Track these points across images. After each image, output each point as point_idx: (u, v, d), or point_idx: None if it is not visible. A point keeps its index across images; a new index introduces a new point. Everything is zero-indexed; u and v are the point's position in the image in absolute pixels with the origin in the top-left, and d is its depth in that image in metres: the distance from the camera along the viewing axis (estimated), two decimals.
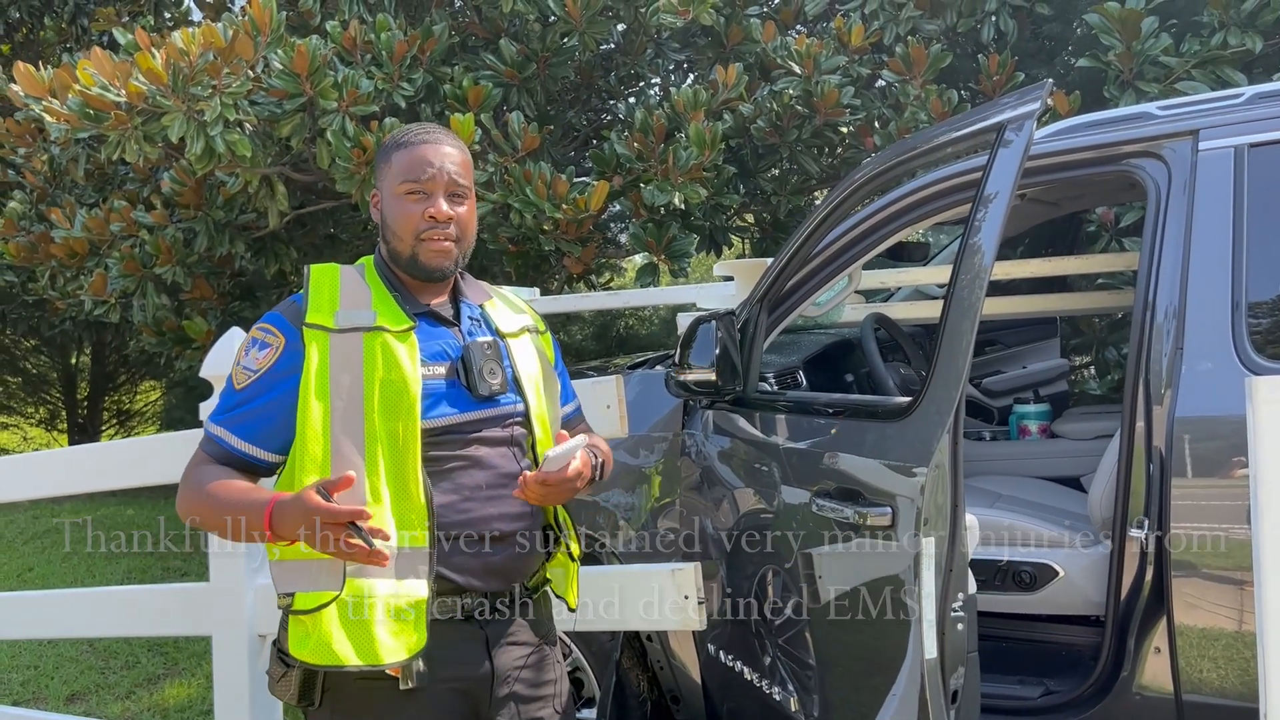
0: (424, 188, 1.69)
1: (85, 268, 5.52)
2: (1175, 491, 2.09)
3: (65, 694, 4.18)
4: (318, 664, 1.57)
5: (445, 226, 1.70)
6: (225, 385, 1.70)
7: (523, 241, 5.10)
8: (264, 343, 1.66)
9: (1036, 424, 3.63)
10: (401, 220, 1.70)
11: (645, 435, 2.81)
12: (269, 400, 1.64)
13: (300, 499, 1.46)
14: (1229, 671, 2.05)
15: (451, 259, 1.72)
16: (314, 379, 1.61)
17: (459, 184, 1.73)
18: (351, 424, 1.60)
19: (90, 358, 10.80)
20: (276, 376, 1.64)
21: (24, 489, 3.29)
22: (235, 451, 1.66)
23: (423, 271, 1.71)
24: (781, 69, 4.99)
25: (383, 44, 4.78)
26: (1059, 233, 4.18)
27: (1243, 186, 2.17)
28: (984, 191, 1.92)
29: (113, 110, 4.08)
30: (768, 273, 2.59)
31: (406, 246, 1.70)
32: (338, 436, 1.59)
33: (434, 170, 1.70)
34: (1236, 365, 2.06)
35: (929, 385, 1.91)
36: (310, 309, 1.66)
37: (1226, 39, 4.11)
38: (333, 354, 1.62)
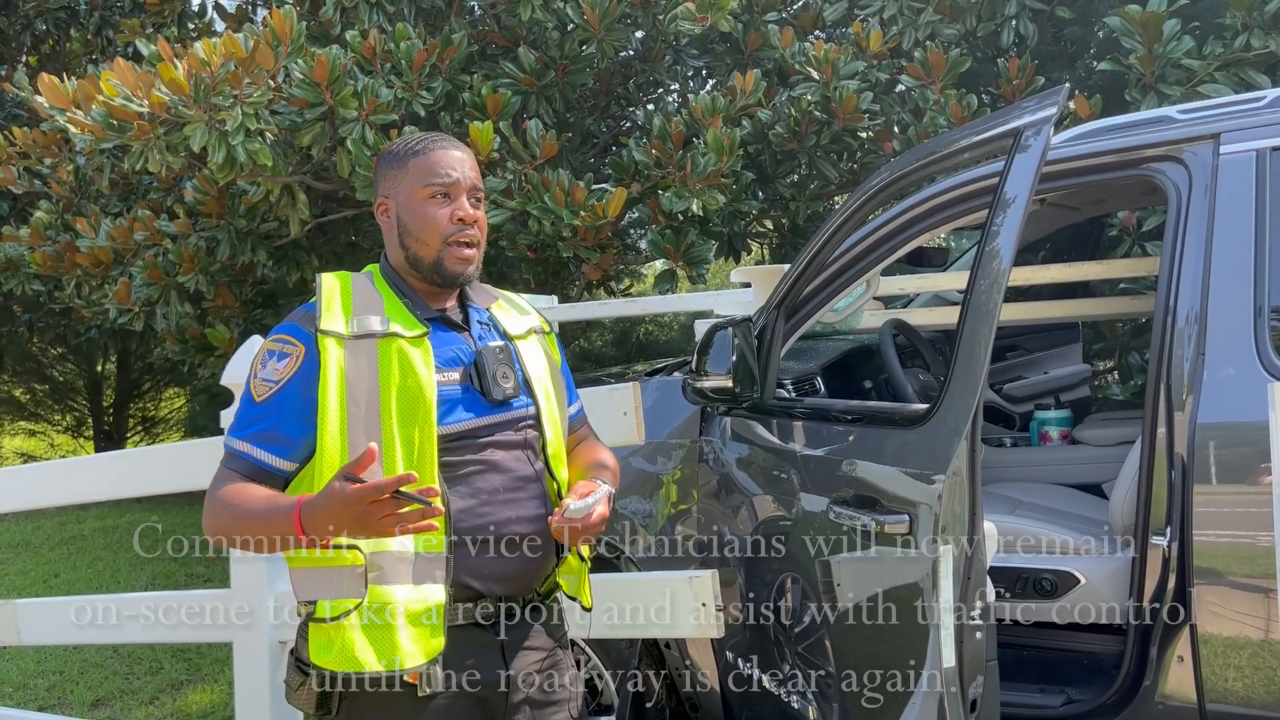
0: (448, 190, 1.71)
1: (110, 276, 5.58)
2: (1198, 498, 2.07)
3: (90, 699, 4.21)
4: (341, 670, 1.58)
5: (471, 229, 1.72)
6: (243, 398, 1.69)
7: (541, 249, 5.11)
8: (282, 353, 1.66)
9: (1058, 430, 3.60)
10: (427, 224, 1.70)
11: (663, 442, 2.81)
12: (293, 411, 1.63)
13: (331, 491, 1.45)
14: (1254, 681, 2.02)
15: (474, 265, 1.74)
16: (333, 386, 1.61)
17: (479, 188, 1.76)
18: (370, 430, 1.60)
19: (116, 365, 10.92)
20: (298, 386, 1.63)
21: (52, 496, 3.32)
22: (263, 465, 1.64)
23: (446, 276, 1.72)
24: (800, 75, 4.99)
25: (402, 53, 4.81)
26: (1081, 237, 4.15)
27: (1265, 190, 2.15)
28: (1001, 196, 1.91)
29: (136, 121, 4.12)
30: (785, 279, 2.58)
31: (432, 251, 1.71)
32: (354, 445, 1.59)
33: (457, 174, 1.72)
34: (1259, 371, 2.04)
35: (946, 392, 1.90)
36: (324, 316, 1.66)
37: (1250, 41, 4.07)
38: (348, 360, 1.62)
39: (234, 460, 1.66)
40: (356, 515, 1.43)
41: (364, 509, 1.42)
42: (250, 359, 1.76)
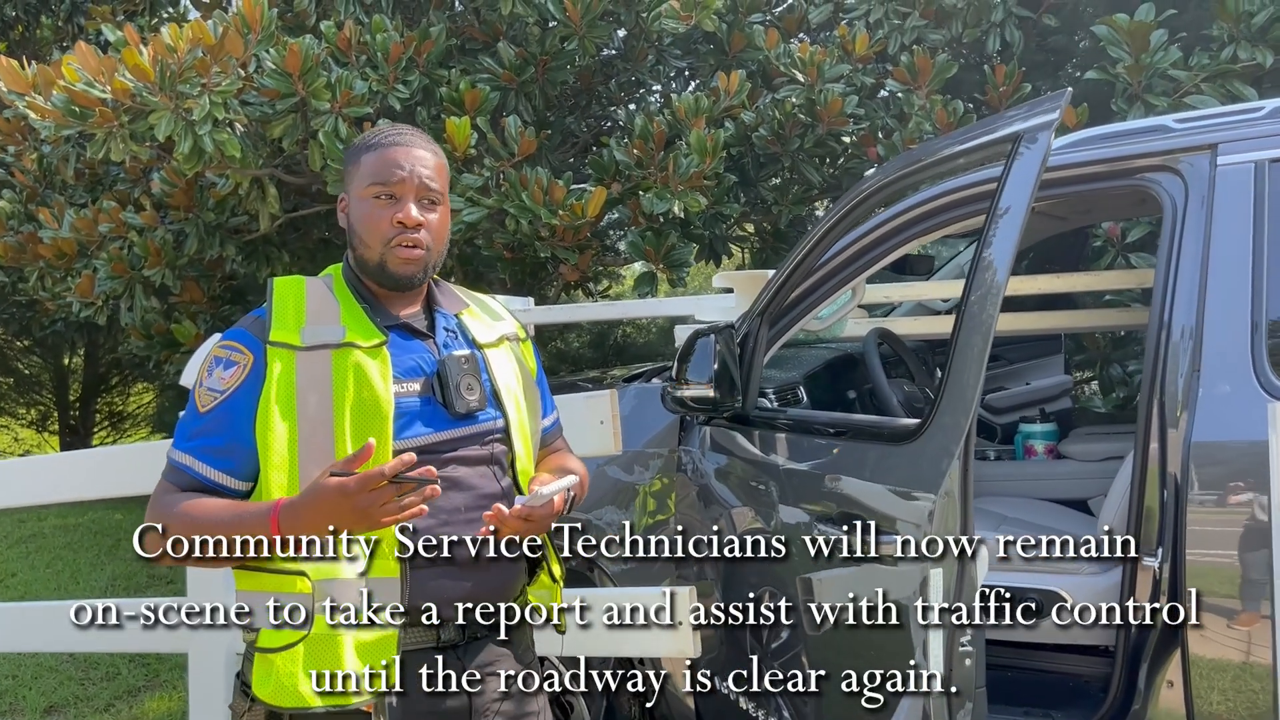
0: (393, 191, 1.60)
1: (74, 269, 5.43)
2: (1191, 518, 2.01)
3: (43, 705, 4.07)
4: (280, 706, 1.48)
5: (415, 233, 1.60)
6: (188, 406, 1.58)
7: (518, 248, 5.02)
8: (230, 361, 1.55)
9: (1043, 444, 3.56)
10: (369, 226, 1.61)
11: (640, 451, 2.73)
12: (238, 424, 1.53)
13: (327, 486, 1.37)
14: (1241, 705, 1.96)
15: (421, 267, 1.63)
16: (276, 401, 1.51)
17: (430, 189, 1.63)
18: (320, 448, 1.50)
19: (83, 359, 10.72)
20: (245, 397, 1.53)
21: (12, 496, 3.19)
22: (206, 481, 1.54)
23: (391, 280, 1.62)
24: (784, 77, 4.92)
25: (378, 45, 4.70)
26: (1065, 248, 4.11)
27: (1263, 202, 2.09)
28: (999, 204, 1.84)
29: (98, 107, 3.99)
30: (769, 285, 2.51)
31: (374, 254, 1.61)
32: (304, 462, 1.49)
33: (404, 174, 1.61)
34: (1256, 389, 1.98)
35: (938, 407, 1.83)
36: (275, 325, 1.55)
37: (1237, 53, 4.04)
38: (299, 374, 1.52)
39: (175, 473, 1.56)
40: (357, 506, 1.36)
41: (366, 498, 1.35)
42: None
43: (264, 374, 1.53)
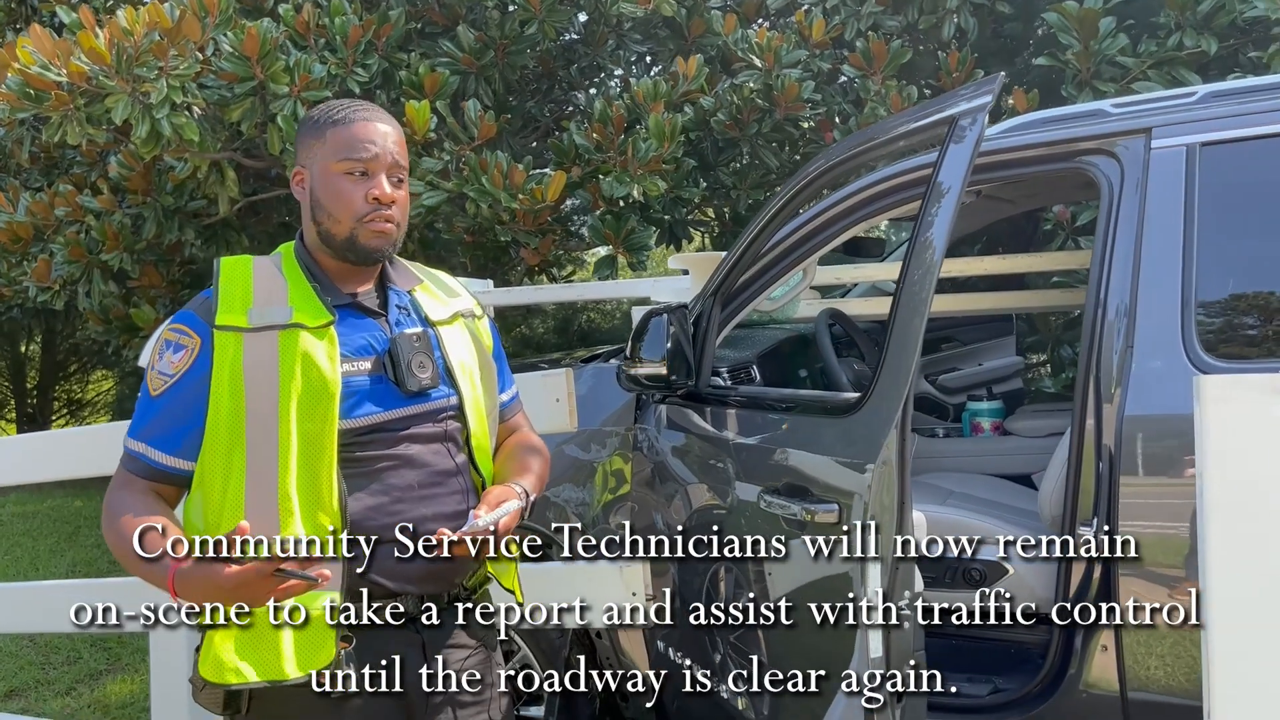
0: (366, 167, 1.61)
1: (30, 254, 5.37)
2: (1124, 489, 2.08)
3: (3, 690, 4.07)
4: (215, 682, 1.49)
5: (388, 209, 1.62)
6: (142, 391, 1.59)
7: (479, 232, 5.03)
8: (179, 345, 1.56)
9: (989, 421, 3.64)
10: (340, 201, 1.61)
11: (597, 429, 2.76)
12: (189, 407, 1.53)
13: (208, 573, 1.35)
14: (1175, 669, 2.05)
15: (391, 241, 1.64)
16: (226, 384, 1.52)
17: (400, 165, 1.64)
18: (266, 429, 1.51)
19: (40, 346, 10.58)
20: (194, 380, 1.53)
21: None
22: (160, 467, 1.55)
23: (360, 253, 1.62)
24: (742, 62, 4.97)
25: (337, 28, 4.69)
26: (1016, 231, 4.19)
27: (1194, 185, 2.16)
28: (935, 186, 1.90)
29: (54, 90, 3.96)
30: (721, 266, 2.55)
31: (344, 228, 1.61)
32: (255, 441, 1.50)
33: (377, 149, 1.61)
34: (1185, 364, 2.05)
35: (877, 381, 1.89)
36: (221, 308, 1.55)
37: (1183, 40, 4.14)
38: (246, 356, 1.52)
39: (131, 461, 1.57)
40: (232, 593, 1.35)
41: (243, 588, 1.35)
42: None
43: (211, 357, 1.53)
